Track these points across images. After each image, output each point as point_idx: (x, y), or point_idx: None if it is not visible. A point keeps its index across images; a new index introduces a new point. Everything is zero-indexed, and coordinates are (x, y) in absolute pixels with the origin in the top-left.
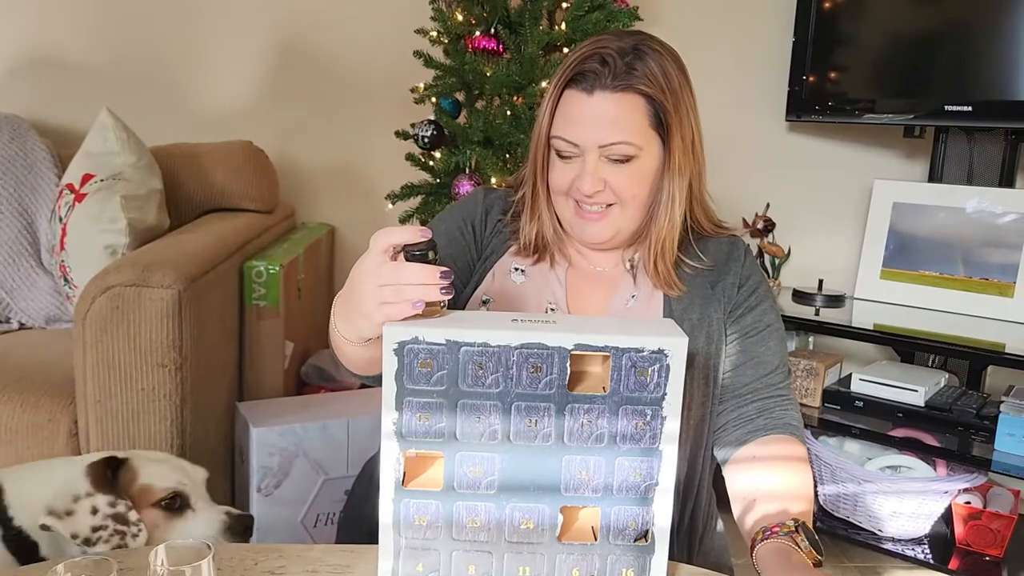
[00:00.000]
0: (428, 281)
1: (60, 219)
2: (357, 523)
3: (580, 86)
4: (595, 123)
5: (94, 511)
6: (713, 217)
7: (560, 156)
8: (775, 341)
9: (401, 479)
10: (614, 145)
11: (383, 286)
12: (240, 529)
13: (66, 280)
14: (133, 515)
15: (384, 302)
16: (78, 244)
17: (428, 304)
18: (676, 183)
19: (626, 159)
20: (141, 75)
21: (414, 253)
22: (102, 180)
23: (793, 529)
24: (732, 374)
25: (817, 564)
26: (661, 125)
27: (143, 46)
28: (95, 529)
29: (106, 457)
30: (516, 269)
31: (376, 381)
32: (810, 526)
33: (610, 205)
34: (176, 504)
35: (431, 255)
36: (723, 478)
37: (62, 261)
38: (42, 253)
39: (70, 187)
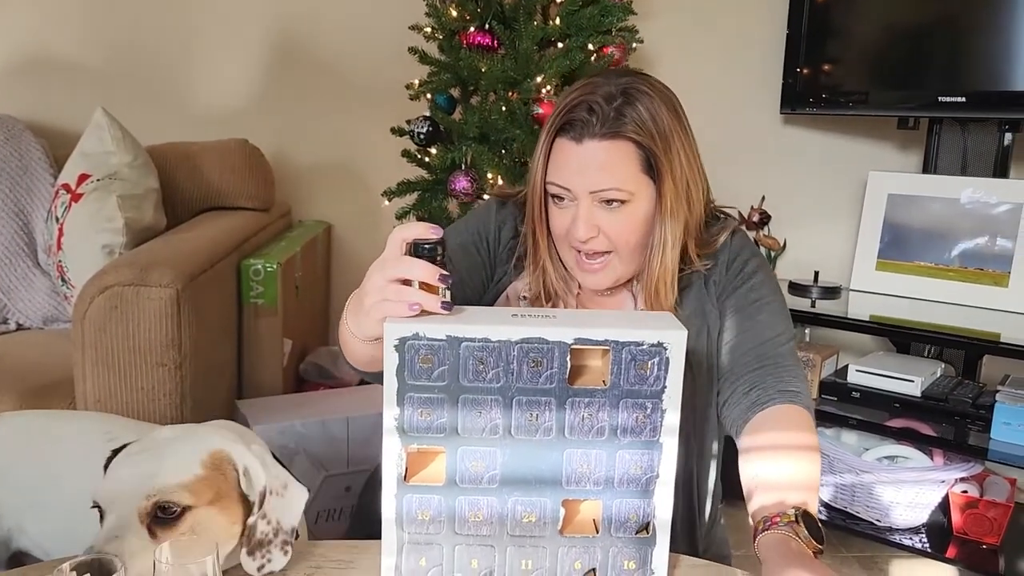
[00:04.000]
0: (430, 279)
1: (57, 219)
2: (369, 518)
3: (569, 135)
4: (586, 170)
5: None
6: (703, 240)
7: (556, 201)
8: (767, 314)
9: (403, 474)
10: (605, 191)
11: (389, 282)
12: None
13: (63, 280)
14: None
15: (385, 299)
16: (75, 244)
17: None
18: (668, 227)
19: (619, 203)
20: (136, 74)
21: (423, 249)
22: (98, 180)
23: (793, 519)
24: (726, 351)
25: (818, 553)
26: (652, 169)
27: (137, 45)
28: None
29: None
30: (525, 298)
31: (376, 378)
32: (813, 513)
33: (608, 252)
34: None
35: (439, 250)
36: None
37: (59, 261)
38: (39, 253)
39: (66, 187)
